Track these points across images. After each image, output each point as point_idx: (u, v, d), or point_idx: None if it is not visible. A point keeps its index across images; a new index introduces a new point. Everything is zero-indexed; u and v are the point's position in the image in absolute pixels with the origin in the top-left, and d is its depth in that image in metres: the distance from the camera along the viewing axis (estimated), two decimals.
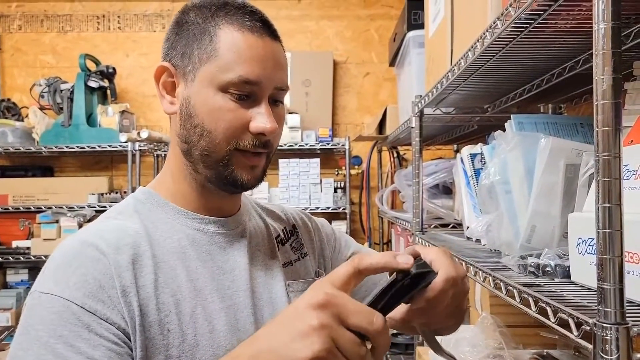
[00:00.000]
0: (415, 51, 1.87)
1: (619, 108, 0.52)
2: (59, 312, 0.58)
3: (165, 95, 0.72)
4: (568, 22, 0.80)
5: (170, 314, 0.64)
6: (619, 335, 0.50)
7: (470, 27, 1.04)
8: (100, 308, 0.59)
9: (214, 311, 0.68)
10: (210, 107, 0.67)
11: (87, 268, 0.61)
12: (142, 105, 3.22)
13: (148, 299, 0.63)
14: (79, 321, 0.58)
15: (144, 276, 0.65)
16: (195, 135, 0.68)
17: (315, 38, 3.19)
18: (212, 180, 0.71)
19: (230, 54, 0.66)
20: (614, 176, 0.51)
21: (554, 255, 0.82)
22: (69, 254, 0.63)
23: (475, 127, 1.79)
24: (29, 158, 3.15)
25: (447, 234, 1.55)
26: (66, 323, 0.58)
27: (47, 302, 0.59)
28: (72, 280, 0.60)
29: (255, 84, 0.67)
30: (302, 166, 2.90)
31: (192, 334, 0.65)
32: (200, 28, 0.68)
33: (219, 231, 0.74)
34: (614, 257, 0.51)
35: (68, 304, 0.59)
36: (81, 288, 0.60)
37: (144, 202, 0.74)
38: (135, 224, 0.69)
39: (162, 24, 3.24)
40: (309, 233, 0.89)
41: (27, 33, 3.25)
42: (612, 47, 0.51)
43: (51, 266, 0.64)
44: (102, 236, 0.65)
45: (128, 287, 0.62)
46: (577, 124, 1.02)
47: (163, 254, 0.68)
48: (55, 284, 0.60)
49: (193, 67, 0.68)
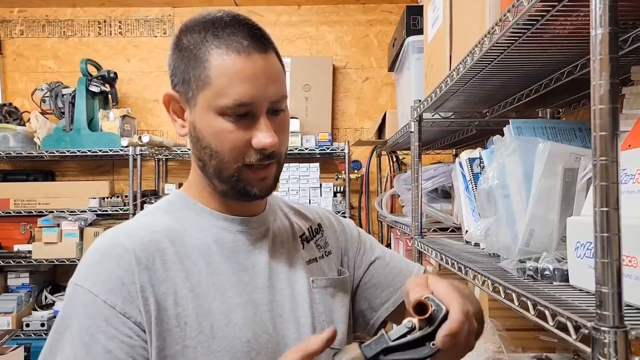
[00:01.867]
0: (414, 56, 1.87)
1: (616, 113, 0.52)
2: (87, 304, 0.66)
3: (177, 119, 0.77)
4: (566, 27, 0.80)
5: (187, 307, 0.69)
6: (617, 338, 0.50)
7: (468, 33, 1.05)
8: (120, 303, 0.66)
9: (231, 305, 0.71)
10: (213, 130, 0.71)
11: (112, 266, 0.68)
12: (143, 110, 3.23)
13: (167, 294, 0.69)
14: (101, 314, 0.65)
15: (165, 272, 0.70)
16: (206, 155, 0.73)
17: (314, 43, 3.21)
18: (228, 193, 0.76)
19: (222, 80, 0.69)
20: (611, 180, 0.51)
21: (552, 259, 0.83)
22: (99, 252, 0.70)
23: (473, 132, 1.80)
24: (30, 162, 3.16)
25: (446, 237, 1.55)
26: (91, 316, 0.65)
27: (80, 294, 0.67)
28: (100, 277, 0.67)
29: (250, 104, 0.70)
30: (301, 170, 2.90)
31: (209, 326, 0.69)
32: (192, 55, 0.72)
33: (242, 230, 0.78)
34: (612, 260, 0.51)
35: (95, 298, 0.66)
36: (106, 285, 0.67)
37: (175, 202, 0.79)
38: (164, 222, 0.75)
39: (163, 29, 3.25)
40: (334, 232, 0.91)
41: (28, 38, 3.26)
42: (610, 53, 0.52)
43: (86, 261, 0.71)
44: (129, 234, 0.72)
45: (146, 284, 0.68)
46: (575, 129, 1.02)
47: (187, 250, 0.73)
48: (86, 279, 0.68)
49: (193, 93, 0.72)
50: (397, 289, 0.88)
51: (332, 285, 0.83)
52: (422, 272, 0.92)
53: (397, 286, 0.88)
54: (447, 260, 1.14)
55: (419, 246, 1.54)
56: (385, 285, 0.89)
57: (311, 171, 2.90)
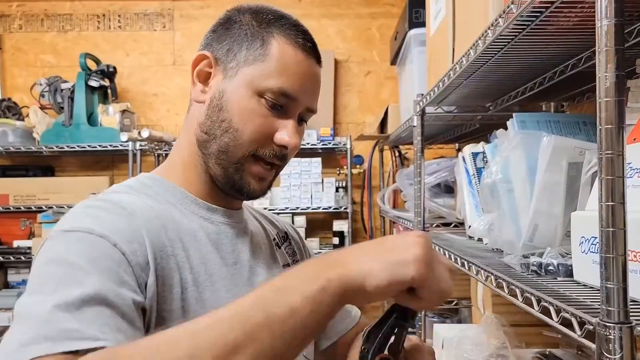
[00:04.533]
0: (416, 49, 1.86)
1: (622, 106, 0.51)
2: (92, 243, 0.55)
3: (198, 83, 0.73)
4: (570, 19, 0.79)
5: (188, 291, 0.63)
6: (623, 334, 0.50)
7: (471, 25, 1.03)
8: (129, 252, 0.57)
9: (220, 299, 0.67)
10: (243, 106, 0.68)
11: (120, 220, 0.59)
12: (142, 104, 3.22)
13: (173, 270, 0.63)
14: (110, 254, 0.56)
15: (170, 245, 0.64)
16: (220, 129, 0.69)
17: (316, 37, 3.16)
18: (219, 180, 0.72)
19: (277, 63, 0.68)
20: (617, 174, 0.51)
21: (556, 254, 0.82)
22: (96, 206, 0.61)
23: (477, 126, 1.78)
24: (29, 158, 3.15)
25: (449, 233, 1.54)
26: (97, 254, 0.55)
27: (76, 236, 0.56)
28: (103, 223, 0.58)
29: (292, 98, 0.69)
30: (303, 165, 2.89)
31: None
32: (253, 31, 0.70)
33: (225, 222, 0.74)
34: (617, 255, 0.50)
35: (100, 240, 0.56)
36: (113, 232, 0.57)
37: (151, 185, 0.72)
38: (146, 202, 0.67)
39: (162, 23, 3.23)
40: (297, 243, 0.90)
41: (27, 32, 3.25)
42: (615, 44, 0.51)
43: (75, 211, 0.61)
44: (124, 201, 0.63)
45: (155, 249, 0.61)
46: (580, 122, 1.01)
47: (181, 233, 0.67)
48: (83, 223, 0.57)
49: (237, 64, 0.70)
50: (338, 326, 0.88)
51: None
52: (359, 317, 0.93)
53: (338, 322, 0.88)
54: (450, 255, 1.13)
55: None
56: None
57: (313, 166, 2.90)
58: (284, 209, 2.86)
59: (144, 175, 0.75)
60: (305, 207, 2.88)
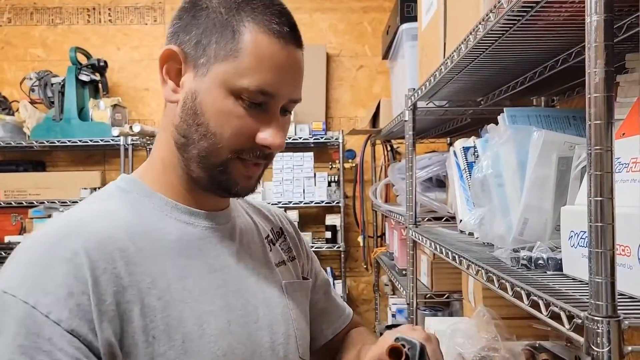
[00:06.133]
0: (408, 44, 1.86)
1: (611, 101, 0.51)
2: (21, 319, 0.52)
3: (169, 81, 0.67)
4: (560, 14, 0.79)
5: (155, 319, 0.59)
6: (610, 328, 0.50)
7: (463, 20, 1.04)
8: (65, 318, 0.53)
9: (203, 313, 0.63)
10: (218, 109, 0.63)
11: (56, 270, 0.55)
12: (134, 99, 3.19)
13: (132, 302, 0.58)
14: (40, 331, 0.52)
15: (128, 275, 0.59)
16: (197, 134, 0.64)
17: (308, 31, 3.17)
18: (203, 182, 0.67)
19: (251, 59, 0.61)
20: (606, 169, 0.51)
21: (546, 248, 0.82)
22: (40, 250, 0.57)
23: (468, 120, 1.79)
24: (20, 153, 3.12)
25: (440, 227, 1.55)
26: (27, 334, 0.52)
27: (10, 305, 0.53)
28: (39, 283, 0.54)
29: (271, 95, 0.63)
30: (295, 160, 2.89)
31: (180, 339, 0.60)
32: (221, 19, 0.62)
33: (209, 225, 0.70)
34: (605, 250, 0.51)
35: (32, 311, 0.53)
36: (48, 294, 0.53)
37: (129, 191, 0.68)
38: (121, 213, 0.64)
39: (153, 17, 3.21)
40: (293, 238, 0.87)
41: (16, 26, 3.21)
42: (605, 40, 0.51)
43: (20, 260, 0.57)
44: (82, 229, 0.59)
45: (104, 293, 0.56)
46: (570, 117, 1.02)
47: (150, 249, 0.62)
48: (20, 284, 0.54)
49: (207, 60, 0.63)
50: (332, 324, 0.89)
51: (300, 290, 0.79)
52: (351, 315, 0.93)
53: (333, 320, 0.89)
54: (442, 249, 1.14)
55: (413, 235, 1.54)
56: (326, 315, 0.90)
57: (305, 160, 2.89)
58: (276, 203, 2.85)
59: (124, 179, 0.71)
60: (298, 202, 2.88)
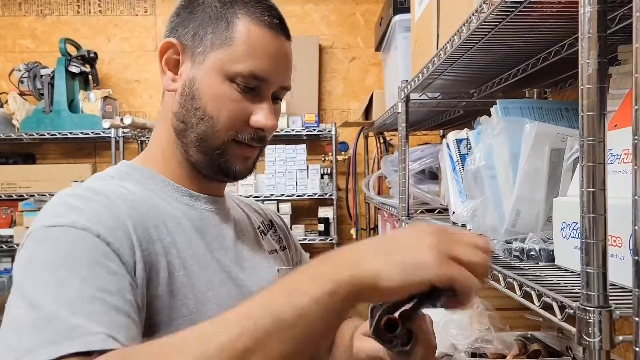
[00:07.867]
0: (401, 35, 1.85)
1: (604, 92, 0.51)
2: (74, 240, 0.55)
3: (167, 71, 0.72)
4: (554, 5, 0.79)
5: (175, 275, 0.63)
6: (602, 318, 0.51)
7: (456, 11, 1.03)
8: (113, 240, 0.57)
9: (207, 284, 0.67)
10: (215, 93, 0.68)
11: (99, 207, 0.59)
12: (125, 91, 3.16)
13: (159, 255, 0.62)
14: (95, 248, 0.55)
15: (155, 229, 0.63)
16: (195, 117, 0.69)
17: (300, 22, 3.15)
18: (202, 166, 0.71)
19: (245, 46, 0.67)
20: (598, 161, 0.51)
21: (538, 240, 0.83)
22: (77, 195, 0.61)
23: (461, 112, 1.79)
24: (9, 145, 3.09)
25: (433, 219, 1.55)
26: (83, 250, 0.55)
27: (57, 234, 0.55)
28: (85, 214, 0.57)
29: (263, 80, 0.68)
30: (288, 152, 2.88)
31: (194, 300, 0.64)
32: (216, 12, 0.68)
33: (209, 208, 0.74)
34: (597, 241, 0.51)
35: (84, 233, 0.55)
36: (96, 222, 0.57)
37: (132, 174, 0.72)
38: (130, 187, 0.67)
39: (144, 8, 3.17)
40: (283, 230, 0.90)
41: (4, 17, 3.16)
42: (598, 31, 0.51)
43: (57, 202, 0.60)
44: (106, 189, 0.63)
45: (140, 235, 0.60)
46: (562, 109, 1.02)
47: (165, 219, 0.66)
48: (64, 216, 0.57)
49: (204, 49, 0.68)
50: None
51: None
52: None
53: None
54: None
55: None
56: None
57: (298, 153, 2.89)
58: (269, 196, 2.85)
59: (124, 163, 0.74)
60: (290, 194, 2.88)
